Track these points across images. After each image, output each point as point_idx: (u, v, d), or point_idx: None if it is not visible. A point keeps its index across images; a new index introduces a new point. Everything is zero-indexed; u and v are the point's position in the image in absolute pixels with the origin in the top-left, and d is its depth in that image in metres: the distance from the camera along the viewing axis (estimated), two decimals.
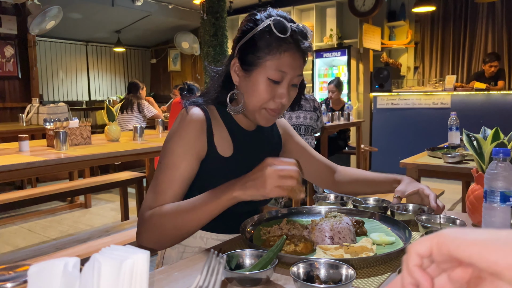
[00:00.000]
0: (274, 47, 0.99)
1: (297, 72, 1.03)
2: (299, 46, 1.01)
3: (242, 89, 1.06)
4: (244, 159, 1.10)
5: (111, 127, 2.99)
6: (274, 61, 1.00)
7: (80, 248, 2.50)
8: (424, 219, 1.04)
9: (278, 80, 1.01)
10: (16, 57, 5.78)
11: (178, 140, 1.03)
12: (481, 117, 5.07)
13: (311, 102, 3.73)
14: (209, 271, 0.65)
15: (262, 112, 1.05)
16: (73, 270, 0.49)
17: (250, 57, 1.02)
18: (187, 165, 1.02)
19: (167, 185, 0.99)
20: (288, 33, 0.99)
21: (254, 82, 1.02)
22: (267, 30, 1.00)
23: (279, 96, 1.02)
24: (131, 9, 6.60)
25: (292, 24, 1.01)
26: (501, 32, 6.00)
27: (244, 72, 1.04)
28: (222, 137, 1.08)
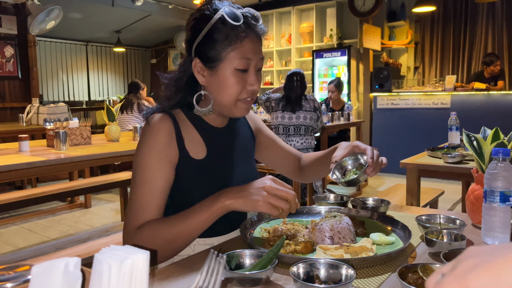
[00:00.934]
0: (233, 37, 0.98)
1: (259, 55, 1.02)
2: (255, 30, 1.01)
3: (211, 87, 1.04)
4: (218, 159, 1.08)
5: (111, 127, 2.99)
6: (237, 51, 0.98)
7: (80, 248, 2.49)
8: (424, 219, 1.04)
9: (245, 68, 1.00)
10: (16, 57, 5.78)
11: (149, 152, 0.99)
12: (481, 117, 5.07)
13: (311, 102, 3.73)
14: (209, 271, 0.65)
15: (238, 104, 1.03)
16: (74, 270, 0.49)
17: (211, 53, 1.00)
18: (163, 175, 0.99)
19: (147, 199, 0.97)
20: (241, 20, 0.98)
21: (222, 77, 1.00)
22: (221, 22, 0.98)
23: (250, 83, 1.01)
24: (131, 9, 6.59)
25: (242, 10, 1.00)
26: (501, 32, 6.00)
27: (209, 69, 1.02)
28: (193, 140, 1.05)
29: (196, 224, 0.91)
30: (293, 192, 0.89)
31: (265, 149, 1.28)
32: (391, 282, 0.76)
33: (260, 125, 1.28)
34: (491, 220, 0.94)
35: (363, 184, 5.07)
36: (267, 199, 0.87)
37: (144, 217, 0.95)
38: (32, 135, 4.21)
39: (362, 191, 4.88)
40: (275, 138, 1.30)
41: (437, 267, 0.71)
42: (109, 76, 8.90)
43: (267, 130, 1.30)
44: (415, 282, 0.67)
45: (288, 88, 3.72)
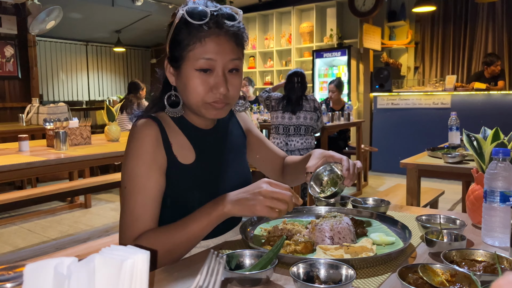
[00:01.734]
0: (193, 36, 0.94)
1: (227, 56, 0.96)
2: (223, 28, 0.95)
3: (179, 88, 1.02)
4: (208, 162, 1.06)
5: (111, 127, 2.99)
6: (196, 50, 0.94)
7: (80, 248, 2.49)
8: (424, 219, 1.04)
9: (207, 68, 0.95)
10: (16, 57, 5.78)
11: (137, 160, 0.96)
12: (481, 117, 5.07)
13: (311, 102, 3.73)
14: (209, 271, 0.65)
15: (206, 106, 0.98)
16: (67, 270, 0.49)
17: (175, 53, 0.98)
18: (154, 182, 0.97)
19: (141, 209, 0.94)
20: (206, 18, 0.94)
21: (185, 77, 0.97)
22: (183, 21, 0.95)
23: (215, 86, 0.96)
24: (131, 9, 6.59)
25: (212, 8, 0.96)
26: (501, 32, 6.00)
27: (175, 70, 1.00)
28: (181, 144, 1.02)
29: (195, 232, 0.90)
30: (289, 192, 0.87)
31: (252, 150, 1.25)
32: (391, 282, 0.76)
33: (249, 125, 1.26)
34: (491, 220, 0.94)
35: (363, 184, 5.07)
36: (264, 202, 0.85)
37: (139, 227, 0.94)
38: (32, 135, 4.22)
39: (362, 191, 4.88)
40: (263, 139, 1.28)
41: (437, 267, 0.71)
42: (109, 76, 8.90)
43: (256, 131, 1.28)
44: (415, 282, 0.67)
45: (288, 89, 3.72)
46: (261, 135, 1.29)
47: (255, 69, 7.53)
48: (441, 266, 0.72)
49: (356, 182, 4.86)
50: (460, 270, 0.69)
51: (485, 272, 0.73)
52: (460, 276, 0.68)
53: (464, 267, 0.75)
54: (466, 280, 0.67)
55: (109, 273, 0.49)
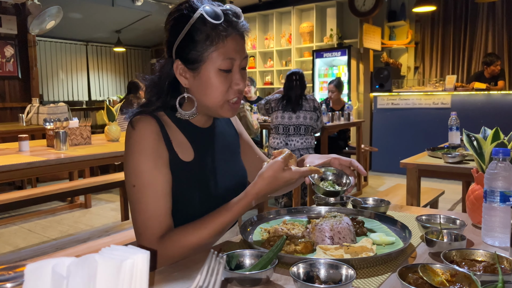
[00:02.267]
0: (214, 36, 0.94)
1: (243, 54, 0.99)
2: (237, 27, 0.97)
3: (195, 89, 1.00)
4: (206, 160, 1.06)
5: (111, 127, 2.99)
6: (219, 50, 0.95)
7: (80, 248, 2.49)
8: (424, 219, 1.04)
9: (229, 69, 0.97)
10: (16, 57, 5.78)
11: (141, 156, 0.95)
12: (481, 117, 5.07)
13: (311, 102, 3.73)
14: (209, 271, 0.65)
15: (225, 106, 1.00)
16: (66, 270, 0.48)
17: (192, 55, 0.96)
18: (162, 176, 0.96)
19: (155, 206, 0.94)
20: (222, 18, 0.94)
21: (206, 78, 0.97)
22: (201, 21, 0.94)
23: (235, 83, 0.98)
24: (131, 9, 6.59)
25: (222, 7, 0.97)
26: (501, 32, 6.00)
27: (192, 71, 0.98)
28: (180, 142, 1.02)
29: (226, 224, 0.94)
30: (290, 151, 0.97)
31: (242, 153, 1.24)
32: (391, 282, 0.76)
33: (240, 128, 1.26)
34: (491, 220, 0.94)
35: (363, 184, 5.07)
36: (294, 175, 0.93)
37: (155, 225, 0.93)
38: (32, 135, 4.21)
39: (362, 191, 4.88)
40: (252, 145, 1.28)
41: (437, 267, 0.71)
42: (109, 76, 8.90)
43: (246, 135, 1.28)
44: (415, 282, 0.67)
45: (288, 88, 3.73)
46: (250, 140, 1.29)
47: (255, 69, 7.52)
48: (441, 266, 0.72)
49: (356, 182, 4.85)
50: (460, 270, 0.69)
51: (485, 272, 0.73)
52: (460, 276, 0.68)
53: (464, 267, 0.75)
54: (466, 280, 0.67)
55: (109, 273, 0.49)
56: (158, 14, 7.08)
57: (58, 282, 0.47)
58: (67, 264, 0.49)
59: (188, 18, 0.95)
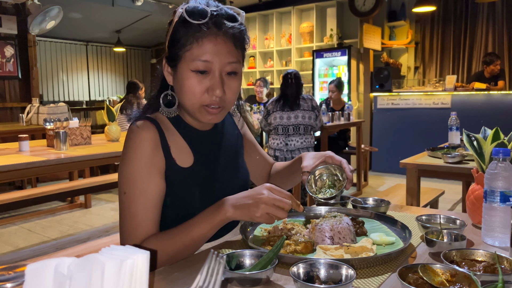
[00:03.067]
0: (190, 36, 0.92)
1: (225, 59, 0.93)
2: (222, 29, 0.92)
3: (175, 88, 1.00)
4: (206, 165, 1.05)
5: (111, 127, 2.99)
6: (193, 51, 0.92)
7: (80, 248, 2.49)
8: (424, 219, 1.04)
9: (203, 70, 0.93)
10: (16, 57, 5.78)
11: (136, 164, 0.94)
12: (481, 117, 5.07)
13: (309, 101, 3.74)
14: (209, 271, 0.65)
15: (201, 110, 0.96)
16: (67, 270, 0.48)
17: (173, 52, 0.96)
18: (154, 186, 0.95)
19: (143, 215, 0.93)
20: (206, 18, 0.91)
21: (181, 77, 0.95)
22: (181, 19, 0.93)
23: (211, 87, 0.93)
24: (131, 9, 6.59)
25: (214, 8, 0.93)
26: (501, 32, 6.00)
27: (172, 69, 0.98)
28: (180, 147, 1.01)
29: (198, 236, 0.90)
30: (290, 201, 0.88)
31: (245, 153, 1.23)
32: (391, 282, 0.76)
33: (244, 129, 1.25)
34: (491, 220, 0.94)
35: (363, 184, 5.07)
36: (264, 209, 0.86)
37: (142, 234, 0.93)
38: (32, 135, 4.21)
39: (362, 191, 4.88)
40: (256, 144, 1.28)
41: (437, 267, 0.71)
42: (109, 76, 8.90)
43: (249, 135, 1.27)
44: (415, 282, 0.67)
45: (283, 87, 3.74)
46: (254, 140, 1.28)
47: (255, 69, 7.53)
48: (441, 266, 0.72)
49: (356, 182, 4.86)
50: (460, 270, 0.69)
51: (485, 272, 0.73)
52: (460, 276, 0.68)
53: (464, 267, 0.75)
54: (466, 280, 0.67)
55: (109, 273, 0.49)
56: (158, 14, 7.08)
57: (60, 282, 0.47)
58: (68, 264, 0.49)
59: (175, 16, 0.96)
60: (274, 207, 0.86)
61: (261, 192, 0.88)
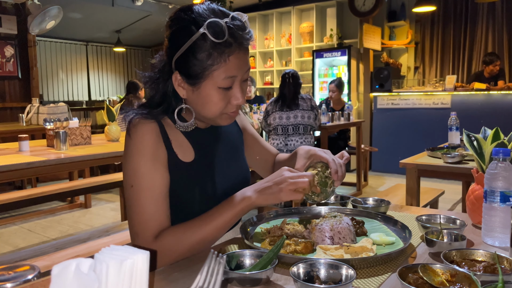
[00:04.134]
0: (216, 56, 0.91)
1: (245, 68, 0.96)
2: (241, 42, 0.93)
3: (193, 102, 0.99)
4: (207, 160, 1.06)
5: (111, 127, 2.99)
6: (221, 70, 0.92)
7: (80, 248, 2.49)
8: (424, 219, 1.04)
9: (229, 86, 0.95)
10: (16, 57, 5.78)
11: (139, 157, 0.95)
12: (481, 117, 5.07)
13: (308, 101, 3.74)
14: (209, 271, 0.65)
15: (223, 116, 1.00)
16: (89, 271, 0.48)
17: (193, 71, 0.93)
18: (160, 178, 0.96)
19: (153, 207, 0.93)
20: (226, 35, 0.89)
21: (205, 94, 0.95)
22: (203, 38, 0.90)
23: (234, 98, 0.97)
24: (131, 9, 6.59)
25: (227, 19, 0.91)
26: (501, 32, 6.00)
27: (191, 86, 0.96)
28: (180, 142, 1.01)
29: (221, 225, 0.92)
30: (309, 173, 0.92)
31: (248, 147, 1.26)
32: (391, 282, 0.76)
33: (245, 122, 1.27)
34: (491, 220, 0.94)
35: (363, 184, 5.07)
36: (288, 187, 0.89)
37: (156, 226, 0.93)
38: (32, 135, 4.22)
39: (362, 191, 4.88)
40: (258, 137, 1.29)
41: (437, 267, 0.71)
42: (109, 76, 8.90)
43: (250, 128, 1.28)
44: (415, 282, 0.67)
45: (281, 87, 3.75)
46: (255, 133, 1.30)
47: (255, 69, 7.53)
48: (441, 266, 0.72)
49: (356, 182, 4.86)
50: (460, 270, 0.69)
51: (485, 272, 0.73)
52: (460, 276, 0.68)
53: (464, 267, 0.75)
54: (466, 280, 0.67)
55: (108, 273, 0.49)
56: (158, 14, 7.08)
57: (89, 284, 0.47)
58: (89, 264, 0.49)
59: (190, 33, 0.91)
60: (296, 182, 0.89)
61: (281, 174, 0.92)
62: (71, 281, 0.47)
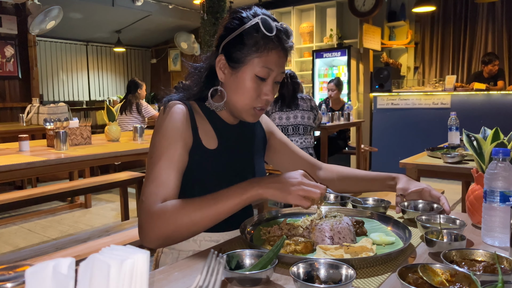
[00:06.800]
0: (261, 45, 1.01)
1: (281, 69, 1.06)
2: (284, 44, 1.04)
3: (228, 86, 1.07)
4: (229, 152, 1.10)
5: (111, 127, 2.99)
6: (261, 59, 1.02)
7: (80, 248, 2.49)
8: (424, 219, 1.04)
9: (264, 77, 1.03)
10: (16, 57, 5.78)
11: (165, 133, 1.02)
12: (481, 117, 5.07)
13: (308, 101, 3.74)
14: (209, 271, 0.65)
15: (250, 110, 1.06)
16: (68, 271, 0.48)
17: (237, 55, 1.03)
18: (179, 155, 1.00)
19: (166, 176, 0.97)
20: (274, 32, 1.01)
21: (241, 79, 1.04)
22: (254, 28, 1.01)
23: (264, 93, 1.05)
24: (131, 9, 6.59)
25: (276, 23, 1.04)
26: (501, 32, 6.00)
27: (231, 69, 1.05)
28: (206, 131, 1.08)
29: (225, 209, 0.92)
30: (323, 185, 0.92)
31: (276, 152, 1.29)
32: (391, 282, 0.77)
33: (272, 128, 1.31)
34: (491, 220, 0.94)
35: None
36: (298, 191, 0.89)
37: (164, 192, 0.95)
38: (32, 135, 4.22)
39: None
40: (287, 142, 1.31)
41: (437, 267, 0.72)
42: (109, 76, 8.90)
43: (279, 134, 1.31)
44: (415, 282, 0.67)
45: (280, 87, 3.74)
46: (285, 138, 1.32)
47: None
48: (441, 266, 0.72)
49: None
50: (460, 270, 0.69)
51: (485, 272, 0.73)
52: (460, 276, 0.68)
53: (464, 267, 0.75)
54: (466, 280, 0.67)
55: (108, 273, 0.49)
56: (158, 14, 7.08)
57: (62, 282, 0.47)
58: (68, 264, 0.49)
59: (246, 20, 1.03)
60: (307, 190, 0.89)
61: (295, 176, 0.92)
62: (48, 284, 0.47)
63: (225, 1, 5.24)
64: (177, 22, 7.59)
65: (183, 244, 1.08)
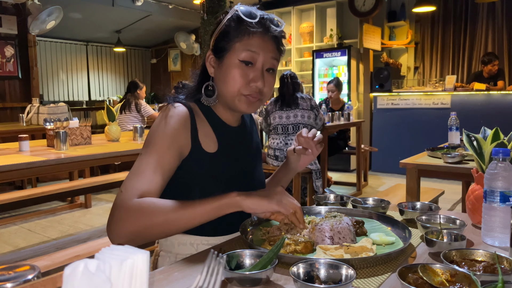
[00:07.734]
0: (242, 30, 1.02)
1: (269, 54, 1.03)
2: (268, 29, 1.03)
3: (217, 78, 1.07)
4: (229, 155, 1.10)
5: (111, 127, 2.99)
6: (243, 42, 1.01)
7: (80, 248, 2.49)
8: (424, 219, 1.04)
9: (249, 61, 1.02)
10: (16, 57, 5.78)
11: (162, 134, 1.00)
12: (481, 117, 5.07)
13: (308, 101, 3.75)
14: (209, 271, 0.65)
15: (241, 98, 1.04)
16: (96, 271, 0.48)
17: (221, 44, 1.04)
18: (170, 158, 0.98)
19: (151, 174, 0.94)
20: (256, 18, 1.01)
21: (227, 67, 1.03)
22: (235, 16, 1.03)
23: (253, 79, 1.02)
24: (131, 9, 6.59)
25: (261, 13, 1.04)
26: (501, 32, 6.00)
27: (217, 60, 1.06)
28: (206, 134, 1.07)
29: (200, 212, 0.90)
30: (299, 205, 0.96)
31: None
32: (391, 282, 0.76)
33: None
34: (491, 220, 0.94)
35: (363, 184, 5.07)
36: (282, 199, 0.93)
37: (145, 189, 0.92)
38: (32, 135, 4.21)
39: (362, 191, 4.88)
40: None
41: (437, 267, 0.72)
42: (109, 76, 8.90)
43: None
44: (415, 282, 0.67)
45: (280, 88, 3.76)
46: None
47: None
48: (441, 266, 0.72)
49: (356, 182, 4.86)
50: (460, 270, 0.69)
51: (485, 272, 0.73)
52: (460, 276, 0.68)
53: (464, 267, 0.75)
54: (466, 280, 0.67)
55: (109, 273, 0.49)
56: (158, 14, 7.08)
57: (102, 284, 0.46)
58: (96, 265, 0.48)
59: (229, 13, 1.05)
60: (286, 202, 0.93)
61: (275, 190, 0.95)
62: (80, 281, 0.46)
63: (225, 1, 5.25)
64: (177, 22, 7.58)
65: (180, 247, 1.07)
